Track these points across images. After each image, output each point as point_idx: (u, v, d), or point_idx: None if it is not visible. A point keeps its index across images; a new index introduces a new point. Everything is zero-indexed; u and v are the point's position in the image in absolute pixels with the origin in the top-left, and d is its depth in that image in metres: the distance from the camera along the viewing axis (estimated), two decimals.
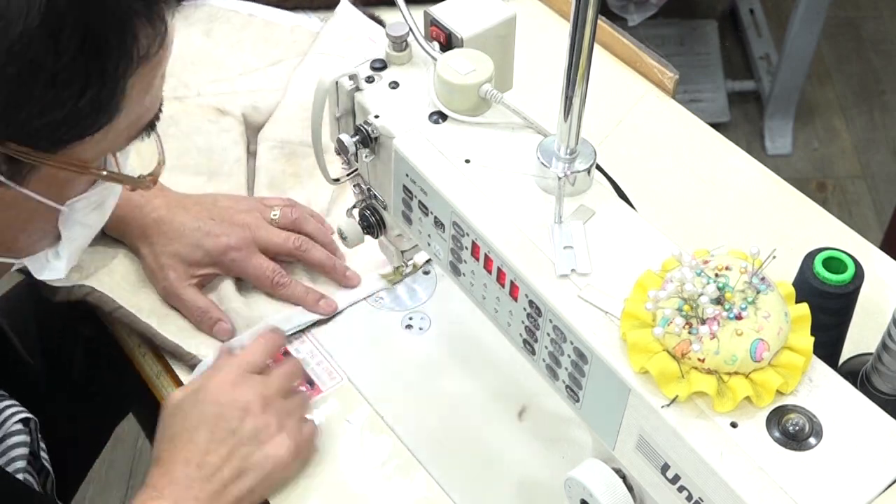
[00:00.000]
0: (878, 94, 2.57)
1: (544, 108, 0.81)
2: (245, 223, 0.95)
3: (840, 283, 0.77)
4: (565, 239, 0.69)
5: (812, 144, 2.47)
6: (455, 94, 0.76)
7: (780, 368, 0.61)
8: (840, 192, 2.37)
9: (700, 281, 0.62)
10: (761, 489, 0.58)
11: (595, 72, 0.68)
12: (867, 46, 2.68)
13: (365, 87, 0.79)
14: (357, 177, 0.85)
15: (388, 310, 0.97)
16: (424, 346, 0.95)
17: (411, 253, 0.92)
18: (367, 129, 0.77)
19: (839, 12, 2.67)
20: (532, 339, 0.71)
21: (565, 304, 0.66)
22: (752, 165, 1.09)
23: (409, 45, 0.80)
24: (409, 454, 0.87)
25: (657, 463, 0.64)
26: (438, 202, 0.74)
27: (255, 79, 1.14)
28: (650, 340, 0.62)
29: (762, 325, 0.61)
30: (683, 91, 2.37)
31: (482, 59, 0.76)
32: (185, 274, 0.93)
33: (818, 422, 0.61)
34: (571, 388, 0.69)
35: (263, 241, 0.95)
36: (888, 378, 0.80)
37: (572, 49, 0.66)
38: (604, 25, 1.16)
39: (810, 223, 1.03)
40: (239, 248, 0.94)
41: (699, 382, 0.61)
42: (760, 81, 2.48)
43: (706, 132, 1.12)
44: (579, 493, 0.70)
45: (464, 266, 0.75)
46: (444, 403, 0.91)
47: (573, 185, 0.71)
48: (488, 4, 0.80)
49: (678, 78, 1.13)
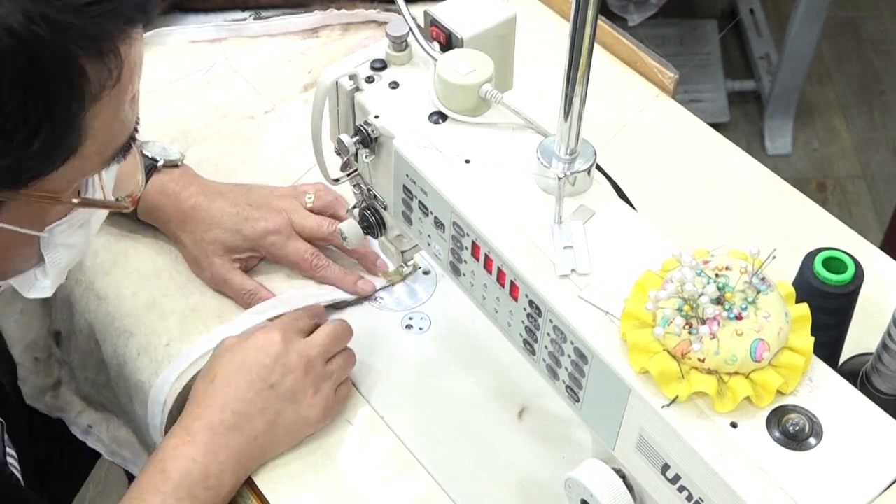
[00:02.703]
0: (878, 94, 2.58)
1: (544, 108, 0.80)
2: (282, 208, 0.96)
3: (840, 283, 0.77)
4: (565, 239, 0.69)
5: (812, 144, 2.47)
6: (455, 94, 0.76)
7: (781, 368, 0.61)
8: (840, 192, 2.37)
9: (700, 281, 0.62)
10: (761, 489, 0.58)
11: (595, 72, 0.68)
12: (867, 46, 2.68)
13: (365, 87, 0.79)
14: (357, 177, 0.85)
15: (388, 310, 0.97)
16: (424, 346, 0.95)
17: (411, 253, 0.92)
18: (367, 129, 0.77)
19: (839, 12, 2.66)
20: (532, 339, 0.71)
21: (565, 305, 0.66)
22: (752, 165, 1.09)
23: (409, 45, 0.80)
24: (409, 454, 0.87)
25: (657, 463, 0.64)
26: (438, 202, 0.74)
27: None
28: (650, 340, 0.62)
29: (762, 326, 0.61)
30: (683, 91, 2.37)
31: (482, 59, 0.76)
32: (228, 259, 0.95)
33: (818, 422, 0.61)
34: (571, 388, 0.69)
35: (299, 225, 0.96)
36: (888, 378, 0.80)
37: (572, 49, 0.66)
38: (604, 25, 1.16)
39: (810, 223, 1.03)
40: (278, 232, 0.95)
41: (699, 382, 0.61)
42: (760, 81, 2.48)
43: (706, 132, 1.12)
44: (579, 493, 0.70)
45: (464, 266, 0.75)
46: (444, 403, 0.91)
47: (573, 185, 0.71)
48: (488, 4, 0.80)
49: (678, 78, 1.13)
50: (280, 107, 1.14)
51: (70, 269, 0.98)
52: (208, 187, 0.97)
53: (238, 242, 0.94)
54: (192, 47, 1.20)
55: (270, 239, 0.95)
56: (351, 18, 1.21)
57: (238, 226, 0.94)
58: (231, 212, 0.95)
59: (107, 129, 0.66)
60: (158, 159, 0.96)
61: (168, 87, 1.15)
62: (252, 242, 0.95)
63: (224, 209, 0.95)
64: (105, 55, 0.62)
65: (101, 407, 1.04)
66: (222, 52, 1.19)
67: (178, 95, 1.14)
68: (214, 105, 1.14)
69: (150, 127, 1.09)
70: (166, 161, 0.96)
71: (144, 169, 0.95)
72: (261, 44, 1.20)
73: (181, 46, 1.19)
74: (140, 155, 0.75)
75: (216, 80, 1.16)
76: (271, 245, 0.95)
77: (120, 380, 0.96)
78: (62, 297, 1.01)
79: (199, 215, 0.95)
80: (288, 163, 1.07)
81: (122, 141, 0.69)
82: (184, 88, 1.15)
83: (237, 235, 0.94)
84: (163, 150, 0.97)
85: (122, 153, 0.70)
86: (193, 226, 0.95)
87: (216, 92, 1.15)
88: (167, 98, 1.14)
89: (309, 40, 1.21)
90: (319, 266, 0.96)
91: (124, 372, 0.94)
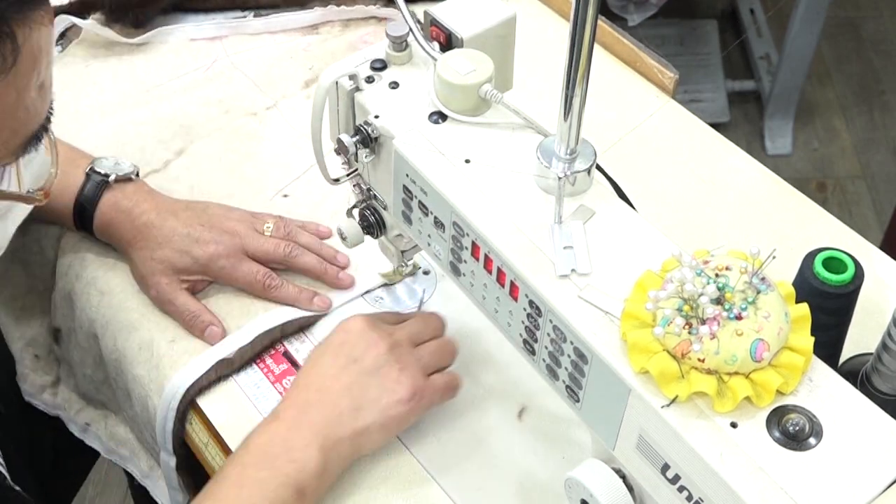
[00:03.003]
0: (878, 94, 2.58)
1: (544, 108, 0.81)
2: (235, 230, 0.95)
3: (840, 283, 0.77)
4: (565, 239, 0.69)
5: (812, 144, 2.47)
6: (455, 94, 0.76)
7: (781, 368, 0.61)
8: (840, 192, 2.37)
9: (700, 281, 0.62)
10: (761, 489, 0.58)
11: (595, 72, 0.68)
12: (867, 46, 2.68)
13: (365, 87, 0.79)
14: (357, 177, 0.85)
15: (388, 310, 0.97)
16: None
17: (411, 253, 0.92)
18: (367, 129, 0.77)
19: (839, 12, 2.67)
20: (532, 339, 0.71)
21: (565, 305, 0.66)
22: (752, 165, 1.09)
23: (409, 45, 0.80)
24: (409, 454, 0.87)
25: (657, 463, 0.64)
26: (438, 202, 0.74)
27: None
28: (650, 340, 0.62)
29: (762, 325, 0.61)
30: (683, 91, 2.38)
31: (482, 59, 0.76)
32: (176, 279, 0.93)
33: (818, 422, 0.61)
34: (571, 388, 0.69)
35: (253, 249, 0.95)
36: (888, 378, 0.80)
37: (572, 49, 0.66)
38: (604, 25, 1.16)
39: (810, 223, 1.03)
40: (227, 256, 0.93)
41: (699, 382, 0.61)
42: (760, 81, 2.48)
43: (706, 132, 1.12)
44: (579, 493, 0.70)
45: (464, 266, 0.75)
46: (445, 403, 0.90)
47: (573, 185, 0.71)
48: (488, 4, 0.80)
49: (678, 78, 1.13)
50: (282, 103, 1.14)
51: (69, 266, 0.98)
52: (162, 205, 0.95)
53: (188, 264, 0.93)
54: (192, 45, 1.20)
55: (220, 263, 0.93)
56: (351, 14, 1.21)
57: (188, 247, 0.93)
58: (182, 232, 0.93)
59: (10, 116, 0.64)
60: (111, 174, 0.95)
61: (169, 83, 1.16)
62: (201, 265, 0.93)
63: (176, 229, 0.93)
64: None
65: (99, 405, 1.04)
66: (223, 50, 1.20)
67: (179, 92, 1.14)
68: (217, 101, 1.14)
69: (151, 124, 1.10)
70: (118, 176, 0.95)
71: (95, 185, 0.94)
72: (261, 41, 1.21)
73: (182, 45, 1.20)
74: (54, 147, 0.73)
75: (218, 77, 1.17)
76: (220, 269, 0.94)
77: (119, 376, 0.96)
78: (63, 293, 1.01)
79: (151, 233, 0.93)
80: (291, 158, 1.08)
81: (31, 130, 0.68)
82: (185, 85, 1.15)
83: (187, 257, 0.93)
84: (115, 165, 0.96)
85: (34, 142, 0.68)
86: (143, 243, 0.93)
87: (218, 88, 1.15)
88: (169, 95, 1.14)
89: (309, 37, 1.21)
90: (272, 286, 0.94)
91: (123, 367, 0.94)
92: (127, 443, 1.01)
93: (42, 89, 0.67)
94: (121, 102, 1.13)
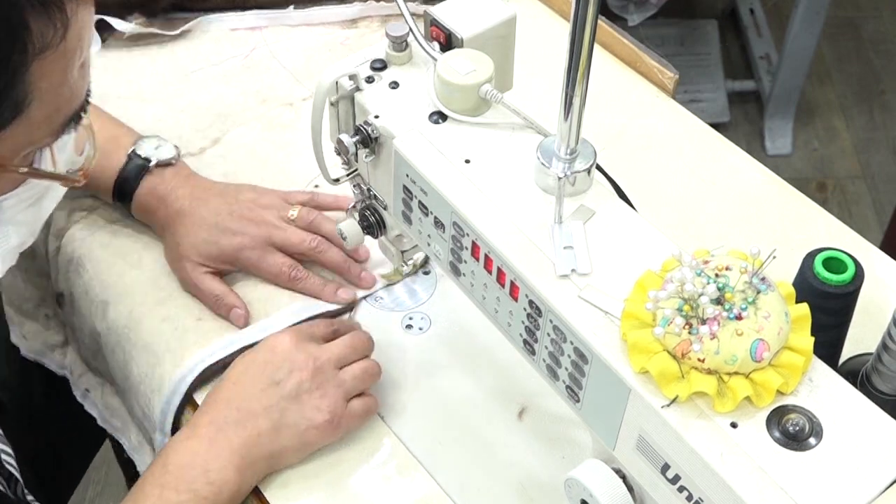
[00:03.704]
0: (878, 94, 2.58)
1: (544, 108, 0.81)
2: (263, 220, 0.96)
3: (840, 283, 0.77)
4: (565, 239, 0.69)
5: (812, 144, 2.47)
6: (455, 94, 0.76)
7: (781, 368, 0.61)
8: (840, 192, 2.37)
9: (700, 281, 0.62)
10: (761, 489, 0.58)
11: (595, 72, 0.68)
12: (867, 46, 2.68)
13: (365, 87, 0.79)
14: (357, 177, 0.85)
15: (388, 310, 0.97)
16: (424, 346, 0.95)
17: (411, 253, 0.92)
18: (367, 129, 0.77)
19: (839, 12, 2.67)
20: (532, 339, 0.71)
21: (565, 305, 0.66)
22: (752, 165, 1.09)
23: (409, 45, 0.80)
24: (409, 454, 0.87)
25: (657, 463, 0.64)
26: (438, 202, 0.74)
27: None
28: (650, 340, 0.62)
29: (762, 326, 0.61)
30: (683, 91, 2.38)
31: (482, 60, 0.76)
32: (202, 265, 0.95)
33: (818, 422, 0.61)
34: (571, 388, 0.69)
35: (280, 241, 0.96)
36: (888, 378, 0.80)
37: (572, 49, 0.66)
38: (604, 25, 1.16)
39: (810, 223, 1.03)
40: (254, 248, 0.95)
41: (699, 382, 0.61)
42: (760, 81, 2.48)
43: (706, 132, 1.12)
44: (579, 493, 0.70)
45: (464, 266, 0.75)
46: (444, 403, 0.91)
47: (573, 185, 0.71)
48: (488, 4, 0.80)
49: (678, 78, 1.13)
50: None
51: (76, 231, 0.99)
52: (196, 190, 0.97)
53: (215, 253, 0.95)
54: (232, 34, 1.21)
55: (247, 254, 0.95)
56: (390, 10, 1.23)
57: (216, 238, 0.94)
58: (211, 222, 0.95)
59: (54, 93, 0.65)
60: (151, 159, 0.96)
61: (208, 69, 1.17)
62: (227, 255, 0.95)
63: (206, 219, 0.95)
64: (50, 10, 0.62)
65: (97, 372, 1.05)
66: (262, 39, 1.21)
67: (218, 79, 1.16)
68: (254, 90, 1.15)
69: (189, 112, 1.11)
70: (158, 161, 0.97)
71: (136, 168, 0.96)
72: (300, 32, 1.22)
73: (222, 34, 1.21)
74: (91, 129, 0.74)
75: (256, 66, 1.18)
76: (247, 259, 0.95)
77: (118, 347, 0.96)
78: (67, 257, 1.02)
79: (183, 220, 0.95)
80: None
81: (73, 109, 0.68)
82: (224, 72, 1.17)
83: (214, 247, 0.94)
84: (157, 148, 0.97)
85: (72, 123, 0.69)
86: (174, 229, 0.96)
87: (256, 77, 1.16)
88: (207, 81, 1.15)
89: (348, 30, 1.22)
90: (297, 278, 0.95)
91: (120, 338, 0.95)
92: (119, 414, 1.02)
93: (83, 68, 0.68)
94: (160, 90, 1.15)
